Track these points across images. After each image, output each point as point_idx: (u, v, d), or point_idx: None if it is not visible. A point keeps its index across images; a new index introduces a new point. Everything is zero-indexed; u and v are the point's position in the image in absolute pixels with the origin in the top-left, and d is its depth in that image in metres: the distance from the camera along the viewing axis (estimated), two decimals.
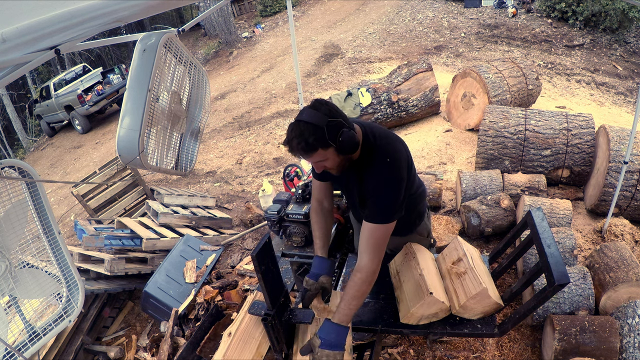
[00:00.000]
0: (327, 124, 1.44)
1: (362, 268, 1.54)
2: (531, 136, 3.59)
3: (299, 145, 1.44)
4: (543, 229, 1.66)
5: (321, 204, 1.88)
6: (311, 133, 1.42)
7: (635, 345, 2.03)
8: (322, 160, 1.52)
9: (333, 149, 1.48)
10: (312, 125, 1.43)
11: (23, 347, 1.66)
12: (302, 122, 1.44)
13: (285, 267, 2.38)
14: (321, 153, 1.48)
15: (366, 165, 1.59)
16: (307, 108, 1.49)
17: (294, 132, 1.45)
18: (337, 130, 1.46)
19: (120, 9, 1.19)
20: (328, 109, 1.47)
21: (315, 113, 1.45)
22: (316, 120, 1.43)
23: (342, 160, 1.55)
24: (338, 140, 1.46)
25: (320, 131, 1.43)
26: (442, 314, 1.73)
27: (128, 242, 3.52)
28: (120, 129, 1.69)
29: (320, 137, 1.43)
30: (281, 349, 1.72)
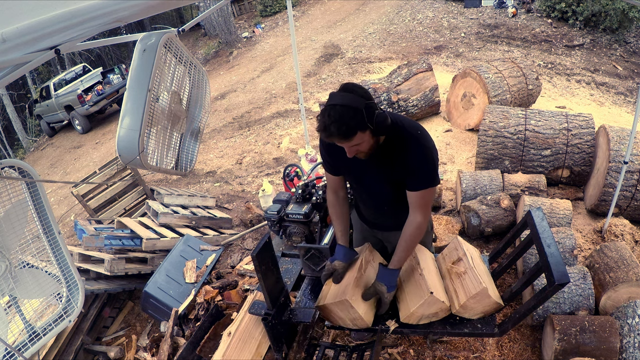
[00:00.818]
0: (365, 106, 1.44)
1: (416, 224, 1.68)
2: (531, 136, 3.59)
3: (339, 129, 1.42)
4: (543, 228, 1.66)
5: (337, 194, 1.93)
6: (351, 117, 1.42)
7: (635, 345, 2.03)
8: (358, 144, 1.52)
9: (369, 131, 1.49)
10: (352, 108, 1.42)
11: (23, 347, 1.67)
12: (339, 105, 1.43)
13: (285, 267, 2.38)
14: (359, 136, 1.48)
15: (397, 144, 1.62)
16: (338, 92, 1.47)
17: (333, 117, 1.42)
18: (373, 112, 1.46)
19: (120, 9, 1.19)
20: (363, 92, 1.48)
21: (352, 96, 1.44)
22: (354, 103, 1.42)
23: (374, 142, 1.57)
24: (374, 122, 1.47)
25: (359, 114, 1.42)
26: (442, 313, 1.73)
27: (128, 242, 3.52)
28: (120, 129, 1.69)
29: (360, 119, 1.43)
30: (281, 349, 1.72)
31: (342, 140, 1.48)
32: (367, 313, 1.75)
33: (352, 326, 1.79)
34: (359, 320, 1.73)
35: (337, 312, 1.76)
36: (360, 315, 1.70)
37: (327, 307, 1.76)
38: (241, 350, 1.77)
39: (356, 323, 1.76)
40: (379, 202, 1.88)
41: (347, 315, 1.74)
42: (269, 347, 1.82)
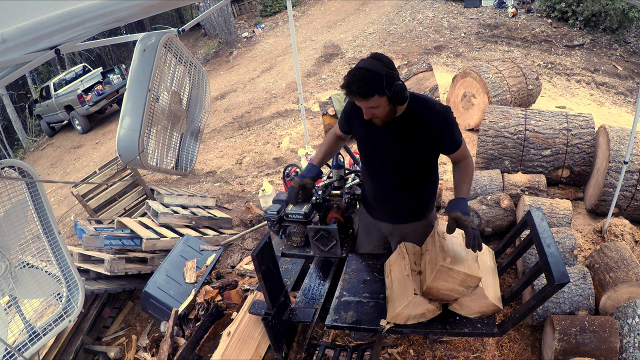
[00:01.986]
0: (387, 73, 1.59)
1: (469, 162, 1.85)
2: (531, 136, 3.59)
3: (359, 89, 1.59)
4: (543, 228, 1.66)
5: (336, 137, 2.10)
6: (371, 79, 1.57)
7: (635, 345, 2.03)
8: (375, 107, 1.66)
9: (386, 97, 1.62)
10: (373, 72, 1.58)
11: (23, 347, 1.67)
12: (364, 69, 1.59)
13: (285, 267, 2.38)
14: (376, 99, 1.62)
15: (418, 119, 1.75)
16: (367, 58, 1.65)
17: (356, 77, 1.59)
18: (393, 81, 1.60)
19: (120, 9, 1.19)
20: (388, 62, 1.63)
21: (377, 62, 1.60)
22: (377, 68, 1.58)
23: (390, 110, 1.69)
24: (392, 90, 1.61)
25: (379, 78, 1.57)
26: (430, 314, 1.72)
27: (128, 242, 3.52)
28: (120, 129, 1.69)
29: (379, 84, 1.57)
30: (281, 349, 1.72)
31: (361, 99, 1.63)
32: (470, 267, 1.62)
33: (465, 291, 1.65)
34: (469, 279, 1.60)
35: (444, 286, 1.64)
36: (465, 272, 1.59)
37: (431, 286, 1.65)
38: (240, 350, 1.77)
39: (467, 283, 1.62)
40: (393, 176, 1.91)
41: (453, 282, 1.62)
42: (268, 347, 1.82)
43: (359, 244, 2.35)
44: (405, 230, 2.04)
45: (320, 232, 2.27)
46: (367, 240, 2.26)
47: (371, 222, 2.15)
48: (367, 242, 2.26)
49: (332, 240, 2.27)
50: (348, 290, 1.99)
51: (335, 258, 2.32)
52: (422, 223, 2.02)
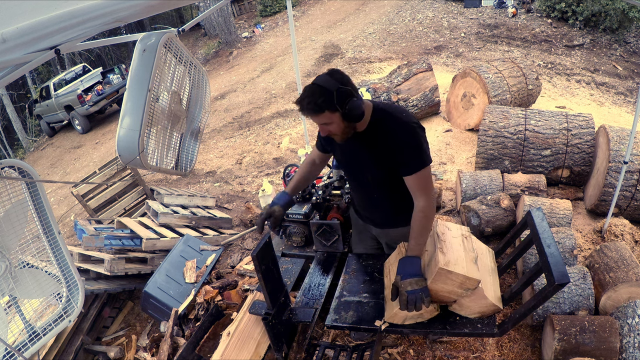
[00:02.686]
0: (337, 89, 1.56)
1: (422, 208, 1.70)
2: (531, 136, 3.59)
3: (308, 105, 1.58)
4: (543, 229, 1.66)
5: (314, 160, 2.06)
6: (321, 95, 1.56)
7: (635, 345, 2.03)
8: (328, 124, 1.64)
9: (339, 114, 1.60)
10: (324, 88, 1.56)
11: (23, 347, 1.67)
12: (316, 84, 1.59)
13: (285, 267, 2.38)
14: (328, 115, 1.60)
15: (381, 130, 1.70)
16: (323, 74, 1.62)
17: (307, 92, 1.59)
18: (345, 97, 1.57)
19: (120, 9, 1.19)
20: (341, 77, 1.60)
21: (329, 78, 1.58)
22: (328, 84, 1.57)
23: (346, 127, 1.66)
24: (345, 107, 1.58)
25: (329, 94, 1.55)
26: (428, 314, 1.72)
27: (128, 242, 3.52)
28: (120, 129, 1.69)
29: (329, 100, 1.56)
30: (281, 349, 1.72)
31: (312, 114, 1.61)
32: (469, 270, 1.60)
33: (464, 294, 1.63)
34: (468, 282, 1.59)
35: (443, 288, 1.62)
36: (464, 274, 1.56)
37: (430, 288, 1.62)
38: (240, 350, 1.77)
39: (466, 286, 1.60)
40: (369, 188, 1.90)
41: (452, 285, 1.60)
42: (268, 347, 1.82)
43: (352, 244, 2.38)
44: (393, 235, 2.05)
45: (322, 227, 2.32)
46: (359, 241, 2.29)
47: (361, 224, 2.16)
48: (359, 243, 2.29)
49: (335, 235, 2.31)
50: (348, 290, 1.99)
51: (336, 254, 2.33)
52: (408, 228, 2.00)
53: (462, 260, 1.63)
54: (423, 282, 1.61)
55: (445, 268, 1.57)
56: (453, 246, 1.70)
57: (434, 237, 1.78)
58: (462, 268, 1.59)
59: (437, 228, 1.79)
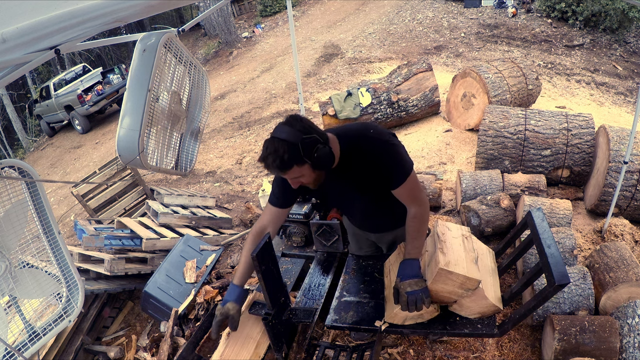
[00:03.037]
0: (302, 140, 1.44)
1: (414, 214, 1.67)
2: (531, 136, 3.59)
3: (274, 162, 1.44)
4: (543, 229, 1.66)
5: (264, 230, 1.78)
6: (286, 150, 1.43)
7: (635, 345, 2.03)
8: (298, 177, 1.54)
9: (308, 165, 1.49)
10: (287, 142, 1.43)
11: (23, 347, 1.67)
12: (277, 139, 1.45)
13: (285, 267, 2.38)
14: (296, 170, 1.49)
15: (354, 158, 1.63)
16: (281, 124, 1.49)
17: (269, 149, 1.45)
18: (312, 147, 1.47)
19: (120, 9, 1.19)
20: (302, 126, 1.47)
21: (290, 130, 1.45)
22: (291, 137, 1.43)
23: (318, 175, 1.57)
24: (313, 157, 1.47)
25: (295, 148, 1.43)
26: (428, 315, 1.72)
27: (128, 242, 3.52)
28: (120, 129, 1.69)
29: (295, 154, 1.44)
30: (281, 349, 1.72)
31: (280, 172, 1.50)
32: (469, 270, 1.60)
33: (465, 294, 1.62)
34: (468, 282, 1.59)
35: (443, 288, 1.62)
36: (464, 275, 1.56)
37: (430, 289, 1.62)
38: (240, 350, 1.77)
39: (466, 286, 1.60)
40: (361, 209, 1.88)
41: (453, 285, 1.60)
42: (268, 347, 1.82)
43: (350, 249, 2.36)
44: (390, 237, 2.05)
45: (322, 227, 2.32)
46: (356, 246, 2.26)
47: (357, 230, 2.15)
48: (357, 248, 2.26)
49: (335, 235, 2.31)
50: (348, 290, 1.99)
51: (336, 254, 2.33)
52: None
53: (462, 261, 1.63)
54: (423, 282, 1.61)
55: (446, 268, 1.57)
56: (453, 246, 1.70)
57: (434, 237, 1.78)
58: (462, 268, 1.59)
59: (437, 228, 1.79)
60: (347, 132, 1.66)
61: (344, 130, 1.67)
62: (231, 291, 1.74)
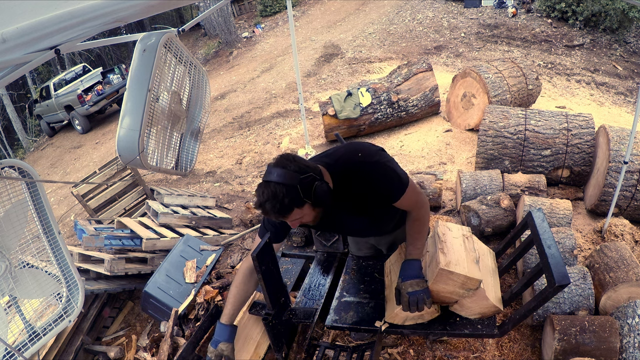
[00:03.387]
0: (300, 181, 1.39)
1: (415, 217, 1.69)
2: (531, 136, 3.59)
3: (273, 208, 1.38)
4: (543, 229, 1.66)
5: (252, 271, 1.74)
6: (285, 195, 1.37)
7: (635, 345, 2.03)
8: (299, 218, 1.48)
9: (309, 204, 1.44)
10: (285, 185, 1.37)
11: (23, 347, 1.66)
12: (273, 183, 1.38)
13: (285, 267, 2.38)
14: (297, 212, 1.44)
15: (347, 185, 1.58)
16: (274, 167, 1.41)
17: (266, 195, 1.38)
18: (310, 186, 1.41)
19: (120, 9, 1.19)
20: (297, 166, 1.42)
21: (285, 172, 1.38)
22: (288, 179, 1.37)
23: (318, 212, 1.52)
24: (313, 196, 1.42)
25: (294, 190, 1.37)
26: (428, 315, 1.72)
27: (128, 242, 3.52)
28: (120, 129, 1.69)
29: (295, 196, 1.38)
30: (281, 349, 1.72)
31: (279, 217, 1.44)
32: (470, 270, 1.60)
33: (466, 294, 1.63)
34: (469, 282, 1.59)
35: (444, 288, 1.63)
36: (465, 275, 1.56)
37: (431, 289, 1.62)
38: (240, 350, 1.77)
39: (467, 286, 1.60)
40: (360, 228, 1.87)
41: (454, 285, 1.61)
42: (268, 348, 1.82)
43: (350, 250, 2.35)
44: (390, 238, 2.06)
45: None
46: (356, 247, 2.27)
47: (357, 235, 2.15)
48: (356, 249, 2.27)
49: (335, 235, 2.30)
50: (348, 290, 1.99)
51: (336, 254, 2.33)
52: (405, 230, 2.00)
53: (463, 261, 1.63)
54: (424, 283, 1.62)
55: (447, 269, 1.57)
56: (454, 247, 1.70)
57: (434, 237, 1.78)
58: (463, 268, 1.59)
59: (438, 229, 1.79)
60: (336, 161, 1.59)
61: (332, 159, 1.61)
62: (221, 331, 1.69)
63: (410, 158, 4.63)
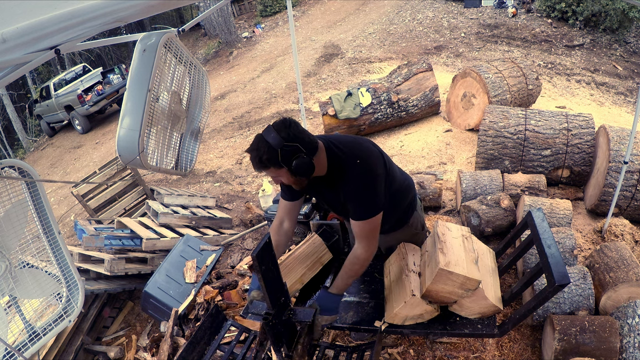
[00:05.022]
0: (282, 147, 1.52)
1: (358, 255, 1.72)
2: (531, 136, 3.59)
3: (253, 159, 1.57)
4: (543, 229, 1.66)
5: (282, 224, 1.92)
6: (265, 152, 1.53)
7: (635, 345, 2.03)
8: (276, 177, 1.63)
9: (286, 169, 1.57)
10: (269, 145, 1.53)
11: (23, 347, 1.66)
12: (263, 139, 1.55)
13: None
14: (273, 171, 1.59)
15: (338, 176, 1.68)
16: (271, 126, 1.57)
17: (253, 146, 1.57)
18: (291, 155, 1.54)
19: (120, 9, 1.19)
20: (287, 133, 1.54)
21: (275, 135, 1.53)
22: (273, 141, 1.53)
23: (298, 179, 1.63)
24: (292, 164, 1.55)
25: (273, 152, 1.52)
26: (428, 315, 1.72)
27: (128, 242, 3.52)
28: (120, 129, 1.69)
29: (273, 157, 1.53)
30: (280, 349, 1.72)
31: (257, 169, 1.59)
32: (469, 271, 1.60)
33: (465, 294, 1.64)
34: (468, 282, 1.59)
35: (443, 289, 1.63)
36: (464, 275, 1.57)
37: (430, 289, 1.64)
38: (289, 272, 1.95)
39: (466, 286, 1.61)
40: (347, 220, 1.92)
41: (453, 285, 1.61)
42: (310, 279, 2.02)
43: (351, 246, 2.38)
44: (388, 239, 2.06)
45: (322, 227, 2.31)
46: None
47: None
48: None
49: (335, 235, 2.31)
50: (348, 290, 1.99)
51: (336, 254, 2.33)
52: (402, 231, 2.02)
53: (462, 261, 1.63)
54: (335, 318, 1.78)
55: (446, 269, 1.57)
56: (453, 247, 1.70)
57: (434, 237, 1.78)
58: (462, 269, 1.59)
59: (437, 229, 1.79)
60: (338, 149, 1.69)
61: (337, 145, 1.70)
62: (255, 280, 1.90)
63: (410, 158, 4.63)
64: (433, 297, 1.67)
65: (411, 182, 2.01)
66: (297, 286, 2.02)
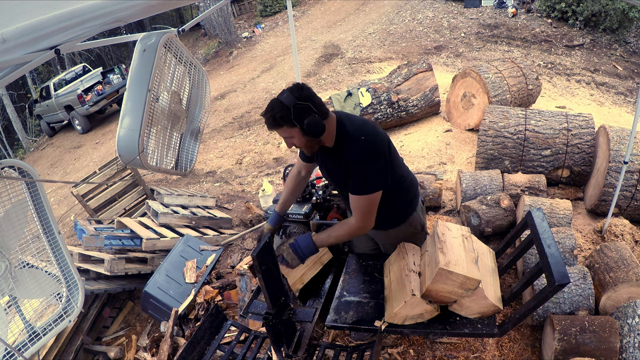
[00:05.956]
0: (295, 105, 1.62)
1: (352, 224, 1.79)
2: (531, 136, 3.59)
3: (268, 119, 1.66)
4: (543, 229, 1.66)
5: (299, 172, 2.10)
6: (279, 110, 1.62)
7: (635, 345, 2.03)
8: (289, 137, 1.71)
9: (298, 129, 1.66)
10: (282, 104, 1.62)
11: (23, 347, 1.66)
12: (276, 99, 1.65)
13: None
14: (287, 130, 1.67)
15: (342, 149, 1.74)
16: (285, 89, 1.66)
17: (268, 107, 1.66)
18: (303, 113, 1.63)
19: (120, 9, 1.19)
20: (300, 94, 1.64)
21: (289, 95, 1.63)
22: (287, 101, 1.62)
23: (308, 141, 1.71)
24: (303, 122, 1.63)
25: (287, 110, 1.61)
26: (428, 315, 1.72)
27: (128, 242, 3.52)
28: (120, 129, 1.69)
29: (286, 115, 1.62)
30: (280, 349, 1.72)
31: (271, 128, 1.69)
32: (469, 270, 1.60)
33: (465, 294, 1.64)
34: (468, 282, 1.59)
35: (443, 288, 1.63)
36: (464, 275, 1.57)
37: (430, 289, 1.64)
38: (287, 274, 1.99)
39: (466, 286, 1.61)
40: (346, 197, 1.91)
41: (453, 285, 1.61)
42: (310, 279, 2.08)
43: (352, 244, 2.40)
44: (386, 236, 2.07)
45: (322, 227, 2.31)
46: (357, 243, 2.31)
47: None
48: (357, 243, 2.31)
49: None
50: (348, 290, 1.99)
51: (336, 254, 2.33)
52: (401, 229, 2.02)
53: (462, 261, 1.63)
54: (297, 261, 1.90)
55: (446, 268, 1.57)
56: (453, 246, 1.70)
57: (434, 237, 1.78)
58: (462, 268, 1.59)
59: (437, 228, 1.79)
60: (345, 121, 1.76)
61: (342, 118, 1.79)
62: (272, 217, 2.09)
63: (410, 158, 4.63)
64: (433, 297, 1.66)
65: (415, 181, 2.03)
66: (298, 286, 2.02)
